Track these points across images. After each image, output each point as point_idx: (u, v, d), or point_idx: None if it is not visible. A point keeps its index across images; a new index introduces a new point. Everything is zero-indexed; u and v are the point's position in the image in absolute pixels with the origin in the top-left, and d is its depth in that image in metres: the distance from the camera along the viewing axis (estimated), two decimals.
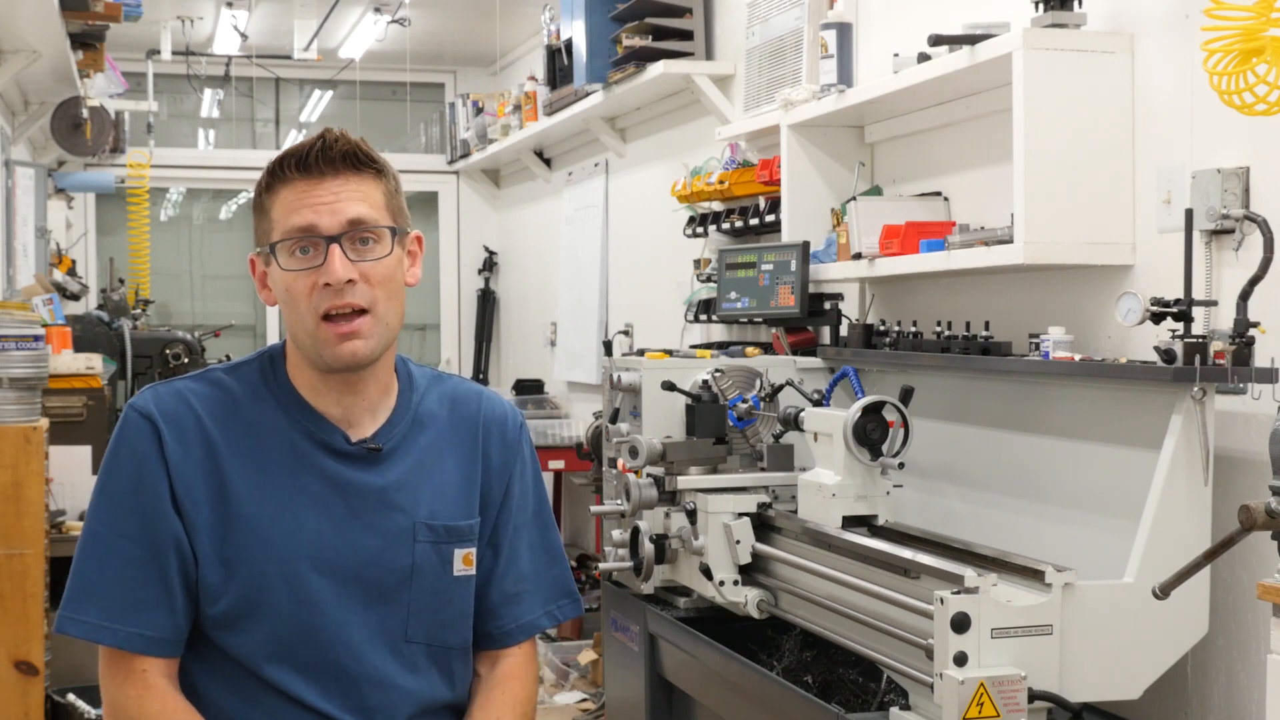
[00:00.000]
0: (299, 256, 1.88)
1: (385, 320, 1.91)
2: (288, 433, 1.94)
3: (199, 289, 9.82)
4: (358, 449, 1.96)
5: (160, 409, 1.92)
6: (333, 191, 1.88)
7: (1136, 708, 2.85)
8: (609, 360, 4.12)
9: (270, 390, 1.97)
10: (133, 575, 1.89)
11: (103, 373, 5.59)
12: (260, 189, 1.93)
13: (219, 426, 1.93)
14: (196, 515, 1.90)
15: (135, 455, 1.91)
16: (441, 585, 1.99)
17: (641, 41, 5.55)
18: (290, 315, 1.92)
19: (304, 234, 1.87)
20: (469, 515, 2.02)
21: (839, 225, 4.06)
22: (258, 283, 1.99)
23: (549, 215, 8.16)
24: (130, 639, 1.88)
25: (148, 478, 1.90)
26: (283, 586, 1.90)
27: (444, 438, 2.03)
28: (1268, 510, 2.33)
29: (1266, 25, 2.50)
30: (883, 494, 3.26)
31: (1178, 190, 3.00)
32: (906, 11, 4.14)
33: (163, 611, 1.89)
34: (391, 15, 7.65)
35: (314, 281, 1.87)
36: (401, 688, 1.97)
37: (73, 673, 4.87)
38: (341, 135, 1.91)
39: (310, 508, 1.93)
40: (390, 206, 1.94)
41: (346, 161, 1.90)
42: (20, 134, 7.39)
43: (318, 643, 1.92)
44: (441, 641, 2.01)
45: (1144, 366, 2.84)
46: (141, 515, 1.89)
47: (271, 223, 1.91)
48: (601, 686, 5.33)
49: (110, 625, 1.88)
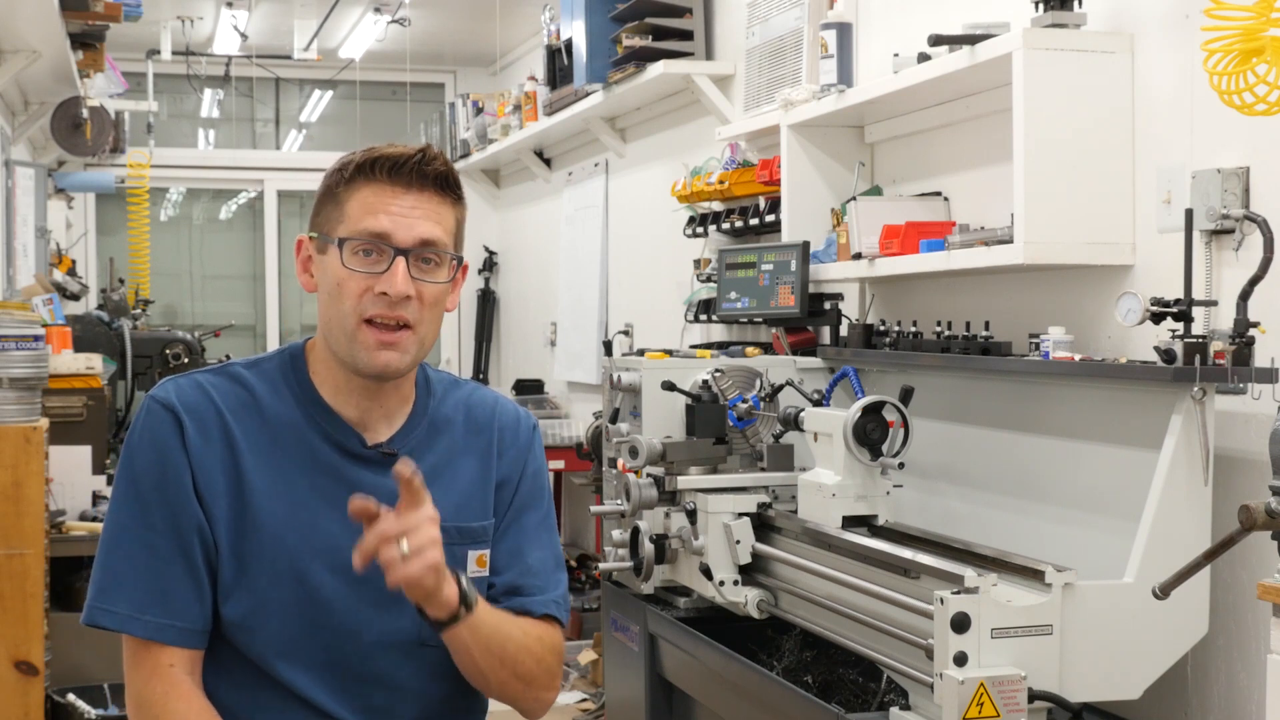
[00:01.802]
0: (363, 258, 1.89)
1: (423, 339, 1.94)
2: (305, 432, 1.95)
3: (199, 289, 9.82)
4: (373, 453, 1.97)
5: (181, 400, 1.92)
6: (413, 205, 1.90)
7: (1136, 708, 2.85)
8: (609, 360, 4.12)
9: (290, 388, 1.97)
10: (161, 567, 1.89)
11: (103, 373, 5.59)
12: (340, 177, 1.92)
13: (238, 421, 1.93)
14: (215, 508, 1.91)
15: (157, 445, 1.91)
16: None
17: (641, 41, 5.55)
18: (331, 310, 1.92)
19: (376, 239, 1.89)
20: (483, 516, 2.03)
21: (839, 225, 4.06)
22: (299, 265, 1.99)
23: (549, 215, 8.16)
24: (162, 630, 1.88)
25: (171, 468, 1.90)
26: (295, 586, 1.91)
27: (459, 442, 2.04)
28: (1268, 510, 2.33)
29: (1266, 25, 2.50)
30: (883, 494, 3.27)
31: (1178, 190, 3.00)
32: (906, 11, 4.14)
33: (191, 601, 1.89)
34: (391, 15, 7.66)
35: (369, 285, 1.89)
36: (410, 690, 1.98)
37: (73, 673, 4.87)
38: (440, 155, 1.94)
39: (324, 508, 1.93)
40: (457, 235, 1.97)
41: (436, 182, 1.92)
42: (20, 134, 7.39)
43: (327, 643, 1.93)
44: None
45: (1144, 366, 2.84)
46: (166, 506, 1.90)
47: (344, 215, 1.91)
48: (601, 686, 5.33)
49: (141, 616, 1.88)
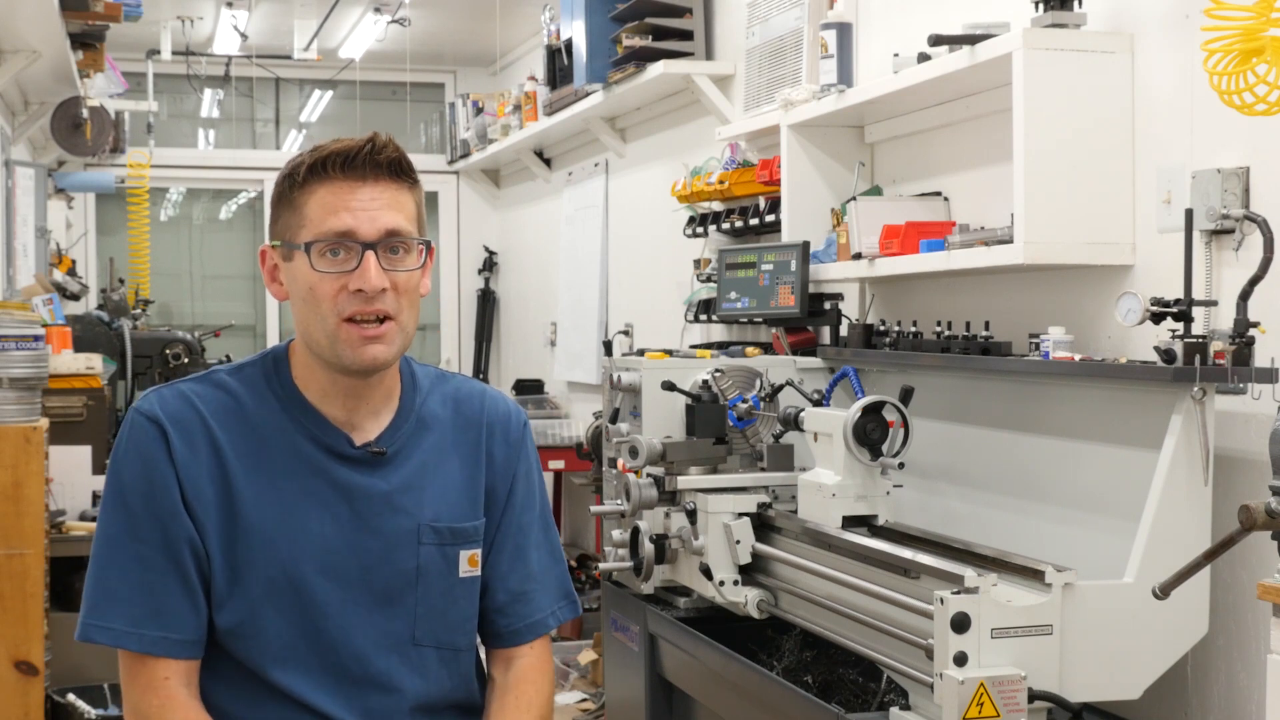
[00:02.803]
0: (330, 258, 1.87)
1: (405, 328, 1.93)
2: (292, 436, 1.94)
3: (199, 289, 9.82)
4: (361, 453, 1.96)
5: (166, 412, 1.91)
6: (372, 198, 1.87)
7: (1136, 708, 2.85)
8: (609, 360, 4.12)
9: (274, 392, 1.96)
10: (154, 580, 1.88)
11: (103, 373, 5.58)
12: (292, 181, 1.89)
13: (224, 429, 1.92)
14: (205, 518, 1.90)
15: (144, 459, 1.90)
16: (447, 587, 1.99)
17: (641, 41, 5.55)
18: (308, 315, 1.90)
19: (341, 238, 1.86)
20: (474, 516, 2.02)
21: (839, 225, 4.06)
22: (266, 275, 1.97)
23: (549, 215, 8.16)
24: (157, 643, 1.88)
25: (159, 481, 1.89)
26: (288, 591, 1.90)
27: (447, 439, 2.03)
28: (1268, 510, 2.33)
29: (1266, 25, 2.50)
30: (883, 494, 3.26)
31: (1178, 190, 3.00)
32: (906, 11, 4.14)
33: (185, 613, 1.89)
34: (391, 15, 7.65)
35: (343, 285, 1.87)
36: (407, 690, 1.97)
37: (73, 673, 4.87)
38: (389, 141, 1.90)
39: (315, 512, 1.92)
40: (419, 219, 1.95)
41: (390, 169, 1.90)
42: (20, 134, 7.39)
43: (322, 646, 1.92)
44: (450, 644, 2.01)
45: (1144, 366, 2.84)
46: (156, 519, 1.89)
47: (304, 220, 1.88)
48: (601, 686, 5.33)
49: (136, 630, 1.87)
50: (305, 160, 1.89)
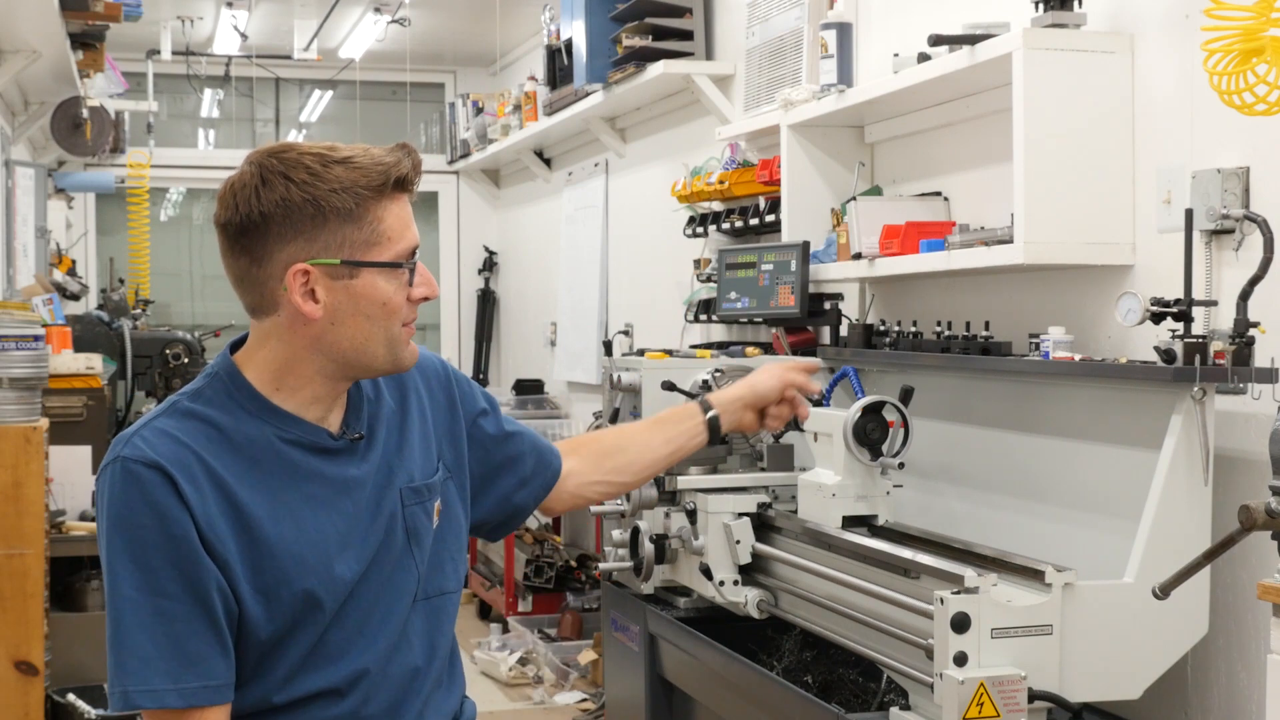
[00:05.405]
0: (407, 273, 1.92)
1: None
2: (276, 446, 1.92)
3: (199, 289, 9.82)
4: (342, 442, 1.97)
5: (162, 455, 1.84)
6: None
7: (1136, 708, 2.85)
8: (609, 360, 4.12)
9: (243, 408, 1.93)
10: (183, 632, 1.83)
11: (103, 373, 5.58)
12: (359, 196, 1.87)
13: (216, 459, 1.88)
14: (226, 553, 1.85)
15: (155, 510, 1.82)
16: (432, 540, 2.05)
17: (641, 41, 5.55)
18: (370, 329, 1.90)
19: (414, 252, 1.93)
20: (433, 471, 2.08)
21: (839, 225, 4.07)
22: (300, 294, 1.90)
23: (549, 215, 8.16)
24: (198, 694, 1.84)
25: (177, 532, 1.82)
26: (326, 597, 1.91)
27: (394, 404, 2.08)
28: (1268, 510, 2.33)
29: (1266, 25, 2.50)
30: (883, 494, 3.27)
31: (1178, 190, 3.00)
32: (906, 11, 4.14)
33: (217, 658, 1.85)
34: (391, 15, 7.66)
35: (408, 294, 1.93)
36: (427, 645, 2.02)
37: (73, 673, 4.87)
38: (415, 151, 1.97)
39: (323, 513, 1.93)
40: None
41: None
42: (20, 134, 7.39)
43: (358, 638, 1.95)
44: (440, 589, 2.06)
45: (1144, 366, 2.84)
46: (176, 567, 1.83)
47: (379, 236, 1.88)
48: (601, 686, 5.33)
49: (177, 687, 1.83)
50: (373, 180, 1.88)
